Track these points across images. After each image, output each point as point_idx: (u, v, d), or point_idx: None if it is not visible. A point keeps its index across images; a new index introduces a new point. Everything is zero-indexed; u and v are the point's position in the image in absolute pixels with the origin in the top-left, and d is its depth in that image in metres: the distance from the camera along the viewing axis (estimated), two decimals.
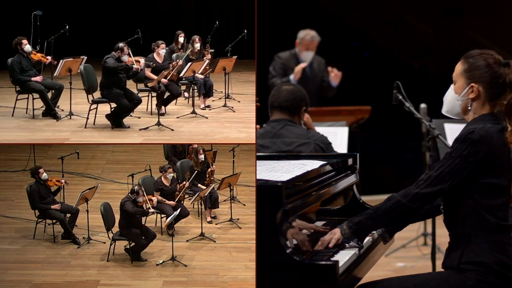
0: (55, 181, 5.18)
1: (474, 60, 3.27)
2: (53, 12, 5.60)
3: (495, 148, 3.15)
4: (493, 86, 3.24)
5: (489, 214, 3.17)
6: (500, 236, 3.19)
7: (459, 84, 3.30)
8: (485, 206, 3.17)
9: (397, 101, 5.55)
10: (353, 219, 3.30)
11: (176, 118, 5.61)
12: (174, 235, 5.09)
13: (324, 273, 3.03)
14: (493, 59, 3.26)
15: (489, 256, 3.15)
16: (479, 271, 3.15)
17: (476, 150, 3.13)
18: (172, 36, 5.86)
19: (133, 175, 5.18)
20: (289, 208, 3.14)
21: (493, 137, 3.16)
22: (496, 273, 3.14)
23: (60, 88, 5.45)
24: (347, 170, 4.01)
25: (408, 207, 3.18)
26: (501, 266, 3.15)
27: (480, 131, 3.15)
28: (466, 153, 3.13)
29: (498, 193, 3.19)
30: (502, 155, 3.19)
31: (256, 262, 3.11)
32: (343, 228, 3.29)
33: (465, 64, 3.28)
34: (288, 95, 4.65)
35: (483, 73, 3.24)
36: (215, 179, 5.40)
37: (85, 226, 5.13)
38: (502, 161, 3.19)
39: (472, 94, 3.25)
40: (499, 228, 3.18)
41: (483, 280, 3.14)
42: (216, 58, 5.81)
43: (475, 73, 3.25)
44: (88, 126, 5.39)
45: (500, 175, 3.19)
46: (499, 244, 3.18)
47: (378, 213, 3.24)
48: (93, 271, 4.92)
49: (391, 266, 6.59)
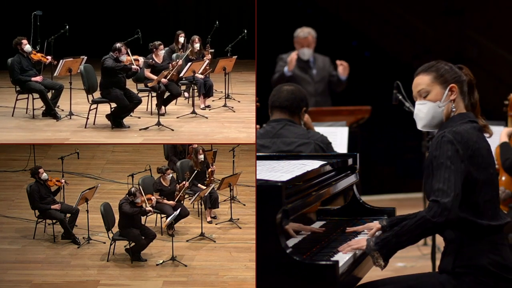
0: (55, 181, 5.18)
1: (436, 68, 3.40)
2: (53, 12, 5.59)
3: (469, 142, 3.21)
4: (462, 85, 3.37)
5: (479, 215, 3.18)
6: (492, 236, 3.21)
7: (436, 91, 3.36)
8: (474, 207, 3.18)
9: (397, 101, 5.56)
10: (380, 236, 3.28)
11: (176, 118, 5.60)
12: (174, 235, 5.09)
13: (324, 273, 3.03)
14: (449, 64, 3.42)
15: (482, 258, 3.16)
16: (474, 274, 3.16)
17: (456, 148, 3.17)
18: (172, 36, 5.86)
19: (133, 175, 5.18)
20: (289, 208, 3.14)
21: (463, 133, 3.22)
22: (491, 274, 3.15)
23: (60, 88, 5.45)
24: (347, 170, 4.01)
25: (434, 223, 3.10)
26: (495, 266, 3.16)
27: (450, 132, 3.22)
28: (451, 153, 3.16)
29: (483, 189, 3.21)
30: (480, 149, 3.23)
31: (256, 262, 3.11)
32: (370, 244, 3.22)
33: (431, 73, 3.40)
34: (289, 95, 4.65)
35: (453, 74, 3.37)
36: (215, 179, 5.40)
37: (85, 226, 5.13)
38: (481, 155, 3.23)
39: (454, 94, 3.34)
40: (490, 229, 3.20)
41: (479, 282, 3.15)
42: (216, 58, 5.81)
43: (447, 76, 3.36)
44: (88, 126, 5.39)
45: (482, 170, 3.22)
46: (492, 245, 3.19)
47: (404, 230, 3.19)
48: (93, 271, 4.92)
49: (391, 266, 6.55)
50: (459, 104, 3.35)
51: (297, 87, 4.82)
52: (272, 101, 4.68)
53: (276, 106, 4.65)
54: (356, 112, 7.80)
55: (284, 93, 4.65)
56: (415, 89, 3.42)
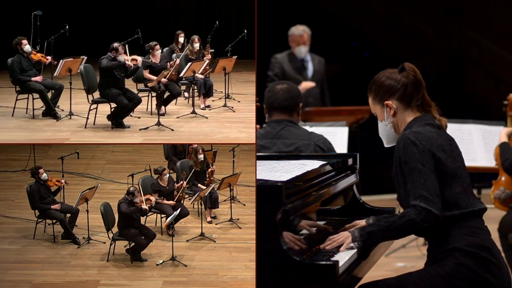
0: (55, 181, 5.18)
1: (374, 85, 3.46)
2: (53, 12, 5.59)
3: (431, 139, 3.26)
4: (401, 93, 3.40)
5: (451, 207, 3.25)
6: (468, 222, 3.28)
7: (378, 112, 3.46)
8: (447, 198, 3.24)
9: None
10: (366, 227, 3.32)
11: (176, 118, 5.61)
12: (174, 235, 5.09)
13: (324, 273, 3.04)
14: (386, 73, 3.45)
15: (460, 241, 3.24)
16: (454, 255, 3.23)
17: (421, 148, 3.22)
18: (172, 36, 5.86)
19: (133, 175, 5.18)
20: (289, 208, 3.14)
21: (422, 132, 3.28)
22: (470, 254, 3.22)
23: (60, 88, 5.45)
24: (347, 170, 4.01)
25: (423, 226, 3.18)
26: (473, 247, 3.23)
27: (410, 133, 3.27)
28: (418, 155, 3.22)
29: (453, 183, 3.27)
30: (443, 144, 3.29)
31: (256, 262, 3.11)
32: (354, 235, 3.29)
33: (370, 94, 3.48)
34: (285, 94, 4.61)
35: (385, 88, 3.41)
36: (215, 179, 5.40)
37: (85, 226, 5.13)
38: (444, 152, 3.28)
39: (391, 110, 3.40)
40: (464, 216, 3.26)
41: (459, 263, 3.22)
42: (216, 58, 5.81)
43: (382, 92, 3.42)
44: (88, 126, 5.39)
45: (448, 164, 3.27)
46: (469, 229, 3.27)
47: (391, 227, 3.25)
48: (93, 271, 4.92)
49: (391, 266, 6.59)
50: (404, 114, 3.40)
51: (290, 84, 4.77)
52: (269, 103, 4.63)
53: (275, 107, 4.62)
54: (356, 112, 7.80)
55: (280, 93, 4.61)
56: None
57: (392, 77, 3.44)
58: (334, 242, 3.33)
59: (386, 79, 3.43)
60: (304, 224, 3.47)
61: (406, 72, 3.45)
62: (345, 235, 3.32)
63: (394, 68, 3.48)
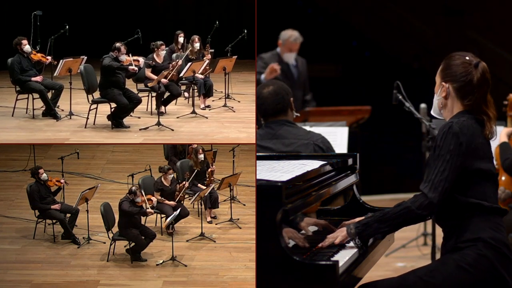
0: (55, 181, 5.18)
1: (448, 61, 3.42)
2: (53, 12, 5.59)
3: (474, 137, 3.29)
4: (461, 84, 3.37)
5: (481, 200, 3.28)
6: (494, 217, 3.31)
7: (437, 84, 3.46)
8: (478, 193, 3.28)
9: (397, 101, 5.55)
10: (361, 220, 3.35)
11: (176, 118, 5.61)
12: (174, 235, 5.09)
13: (324, 273, 3.04)
14: (464, 59, 3.39)
15: (485, 232, 3.25)
16: (477, 246, 3.24)
17: (460, 141, 3.25)
18: (172, 36, 5.86)
19: (133, 175, 5.18)
20: (289, 208, 3.14)
21: (470, 127, 3.29)
22: (493, 247, 3.24)
23: (60, 88, 5.45)
24: (347, 170, 4.01)
25: (417, 214, 3.23)
26: (497, 241, 3.26)
27: (458, 123, 3.28)
28: (453, 147, 3.24)
29: (486, 179, 3.31)
30: (482, 145, 3.32)
31: (256, 262, 3.11)
32: (349, 227, 3.33)
33: (442, 64, 3.45)
34: (275, 97, 4.53)
35: (453, 72, 3.39)
36: (215, 179, 5.40)
37: (85, 226, 5.13)
38: (483, 150, 3.32)
39: (443, 92, 3.41)
40: (492, 210, 3.30)
41: (481, 254, 3.23)
42: (216, 58, 5.81)
43: (447, 73, 3.41)
44: (88, 126, 5.39)
45: (485, 162, 3.31)
46: (494, 223, 3.30)
47: (386, 217, 3.28)
48: (93, 271, 4.92)
49: (391, 266, 6.59)
50: (453, 102, 3.40)
51: (275, 84, 4.68)
52: (262, 111, 4.56)
53: (269, 114, 4.57)
54: (356, 112, 7.80)
55: (269, 98, 4.53)
56: None
57: (465, 66, 3.38)
58: (330, 239, 3.34)
59: (460, 64, 3.39)
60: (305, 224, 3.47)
61: (477, 70, 3.38)
62: (340, 231, 3.36)
63: (471, 55, 3.42)
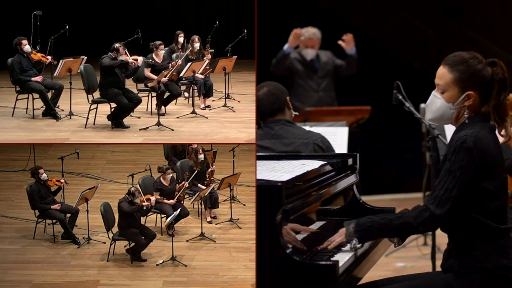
0: (55, 181, 5.18)
1: (464, 68, 3.20)
2: (53, 12, 5.59)
3: (488, 150, 3.14)
4: (485, 89, 3.21)
5: (489, 220, 3.17)
6: (501, 240, 3.19)
7: (451, 93, 3.22)
8: (485, 212, 3.16)
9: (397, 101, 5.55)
10: (361, 223, 3.26)
11: (176, 118, 5.60)
12: (174, 235, 5.09)
13: (324, 273, 3.03)
14: (481, 64, 3.22)
15: (490, 261, 3.16)
16: (482, 275, 3.16)
17: (472, 157, 3.11)
18: (172, 36, 5.86)
19: (133, 175, 5.18)
20: (289, 208, 3.14)
21: (484, 139, 3.14)
22: (498, 276, 3.15)
23: (60, 88, 5.45)
24: (347, 170, 4.01)
25: (419, 231, 3.21)
26: (502, 269, 3.16)
27: (472, 137, 3.12)
28: (465, 163, 3.11)
29: (495, 196, 3.18)
30: (495, 155, 3.18)
31: (256, 262, 3.11)
32: (349, 230, 3.26)
33: (454, 73, 3.20)
34: (270, 98, 4.60)
35: (477, 81, 3.19)
36: (215, 179, 5.40)
37: (85, 226, 5.13)
38: (496, 162, 3.18)
39: (469, 101, 3.21)
40: (499, 232, 3.19)
41: (486, 283, 3.15)
42: (216, 58, 5.80)
43: (468, 82, 3.19)
44: (88, 126, 5.39)
45: (495, 177, 3.18)
46: (500, 248, 3.18)
47: (386, 227, 3.22)
48: (93, 271, 4.92)
49: (391, 266, 6.59)
50: (475, 109, 3.22)
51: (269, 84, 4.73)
52: (260, 112, 4.63)
53: (267, 115, 4.63)
54: (356, 112, 7.81)
55: (265, 99, 4.61)
56: (436, 78, 3.27)
57: (484, 70, 3.20)
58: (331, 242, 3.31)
59: (482, 69, 3.21)
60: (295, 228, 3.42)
61: (496, 68, 3.24)
62: (340, 233, 3.30)
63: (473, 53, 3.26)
